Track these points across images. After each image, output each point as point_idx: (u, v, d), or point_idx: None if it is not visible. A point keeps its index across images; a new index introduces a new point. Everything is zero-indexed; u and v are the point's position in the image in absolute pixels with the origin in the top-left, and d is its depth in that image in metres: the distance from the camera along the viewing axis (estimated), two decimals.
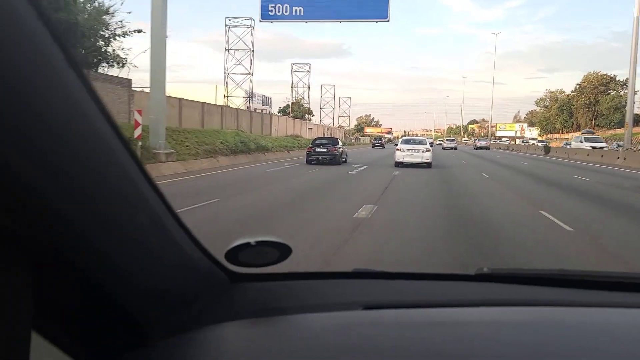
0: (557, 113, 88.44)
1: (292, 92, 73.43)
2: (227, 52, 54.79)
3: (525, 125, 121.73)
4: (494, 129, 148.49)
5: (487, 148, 60.13)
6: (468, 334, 0.92)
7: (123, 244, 0.74)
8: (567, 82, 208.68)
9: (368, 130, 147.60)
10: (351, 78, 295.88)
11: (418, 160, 20.38)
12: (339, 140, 25.86)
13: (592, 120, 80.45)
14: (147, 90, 19.95)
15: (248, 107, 54.54)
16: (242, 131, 29.87)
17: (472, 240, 6.19)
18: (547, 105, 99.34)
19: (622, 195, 12.32)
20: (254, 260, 1.08)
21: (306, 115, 79.38)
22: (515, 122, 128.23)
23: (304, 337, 0.92)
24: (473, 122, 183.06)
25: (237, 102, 54.59)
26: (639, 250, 5.96)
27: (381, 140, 69.59)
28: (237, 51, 54.58)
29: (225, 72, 56.58)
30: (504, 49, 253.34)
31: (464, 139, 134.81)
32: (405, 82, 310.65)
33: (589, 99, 79.05)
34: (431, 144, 26.59)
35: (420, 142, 21.94)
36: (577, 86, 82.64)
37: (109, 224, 0.71)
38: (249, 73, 55.10)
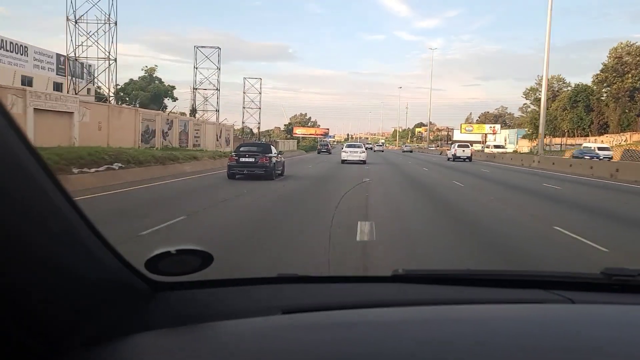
0: (566, 107, 56.10)
1: (68, 45, 31.20)
2: None
3: (497, 126, 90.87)
4: (450, 133, 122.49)
5: (411, 151, 74.55)
6: (381, 334, 0.95)
7: (30, 253, 0.71)
8: (502, 90, 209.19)
9: (299, 131, 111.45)
10: (298, 82, 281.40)
11: (357, 158, 29.56)
12: (273, 147, 18.68)
13: None
14: None
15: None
16: None
17: (412, 182, 17.88)
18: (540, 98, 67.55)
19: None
20: (175, 268, 1.07)
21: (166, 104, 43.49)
22: (466, 124, 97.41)
23: (222, 344, 0.92)
24: (420, 125, 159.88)
25: None
26: (467, 182, 17.54)
27: (327, 145, 62.33)
28: None
29: None
30: (443, 56, 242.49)
31: (415, 145, 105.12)
32: (351, 86, 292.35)
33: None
34: (371, 148, 52.81)
35: (358, 147, 32.48)
36: (614, 60, 49.94)
37: (13, 232, 0.67)
38: None
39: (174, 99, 52.65)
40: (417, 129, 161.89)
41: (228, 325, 0.98)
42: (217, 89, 48.93)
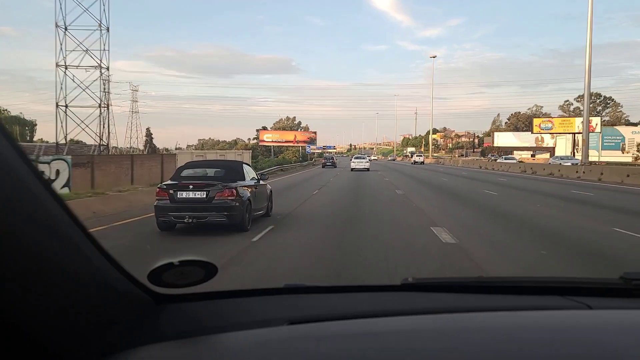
0: None
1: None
2: None
3: (596, 120, 52.93)
4: (476, 140, 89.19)
5: (394, 159, 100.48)
6: (390, 343, 0.91)
7: (27, 268, 0.69)
8: (507, 97, 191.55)
9: (268, 136, 73.85)
10: (301, 94, 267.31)
11: (362, 167, 39.68)
12: (247, 169, 10.04)
13: None
14: None
15: None
16: None
17: (397, 173, 36.67)
18: None
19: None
20: (179, 280, 1.04)
21: None
22: (541, 119, 61.23)
23: (226, 356, 0.89)
24: (434, 131, 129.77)
25: None
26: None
27: (332, 158, 56.41)
28: None
29: None
30: (447, 65, 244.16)
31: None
32: (355, 97, 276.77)
33: None
34: (374, 160, 79.77)
35: (363, 158, 43.64)
36: None
37: (10, 246, 0.65)
38: None
39: None
40: (432, 136, 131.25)
41: (232, 337, 0.95)
42: None
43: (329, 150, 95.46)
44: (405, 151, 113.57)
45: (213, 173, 9.39)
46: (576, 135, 52.09)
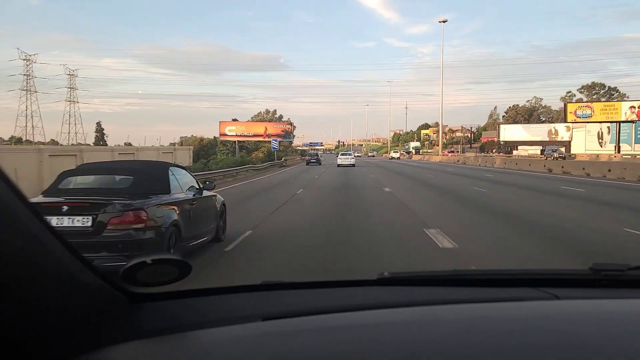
0: None
1: None
2: None
3: None
4: (469, 135, 78.66)
5: (374, 156, 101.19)
6: (364, 336, 0.93)
7: None
8: (494, 93, 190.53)
9: (231, 130, 60.56)
10: (289, 91, 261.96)
11: (348, 162, 41.16)
12: (180, 173, 6.40)
13: None
14: None
15: None
16: None
17: (377, 169, 36.92)
18: None
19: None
20: (153, 279, 1.06)
21: None
22: (577, 104, 50.64)
23: (199, 352, 0.90)
24: (426, 126, 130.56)
25: None
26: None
27: (317, 155, 53.86)
28: None
29: None
30: (435, 62, 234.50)
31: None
32: (343, 94, 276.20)
33: None
34: (358, 156, 71.31)
35: (349, 154, 44.90)
36: None
37: None
38: None
39: None
40: (423, 131, 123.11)
41: (205, 334, 0.95)
42: None
43: (316, 147, 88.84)
44: (408, 146, 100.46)
45: (118, 182, 6.00)
46: (620, 124, 40.94)
